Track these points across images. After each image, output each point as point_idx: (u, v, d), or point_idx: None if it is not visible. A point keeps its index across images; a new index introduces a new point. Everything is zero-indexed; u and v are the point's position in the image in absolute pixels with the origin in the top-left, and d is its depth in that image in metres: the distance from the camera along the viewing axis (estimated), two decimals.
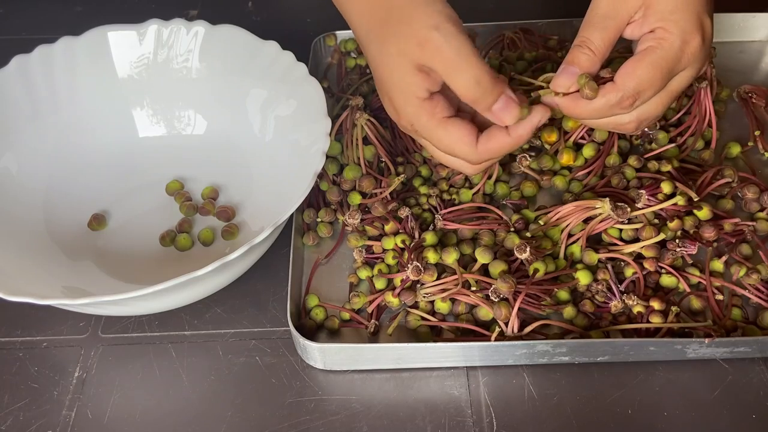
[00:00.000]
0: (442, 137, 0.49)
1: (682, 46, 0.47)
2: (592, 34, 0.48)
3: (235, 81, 0.64)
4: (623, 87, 0.47)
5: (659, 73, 0.47)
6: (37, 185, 0.61)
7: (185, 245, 0.59)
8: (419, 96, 0.48)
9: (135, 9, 0.84)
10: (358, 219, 0.57)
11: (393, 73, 0.48)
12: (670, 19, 0.47)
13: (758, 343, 0.51)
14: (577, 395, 0.51)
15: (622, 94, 0.47)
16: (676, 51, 0.47)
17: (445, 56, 0.46)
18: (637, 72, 0.47)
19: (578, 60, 0.48)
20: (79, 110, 0.64)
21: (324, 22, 0.79)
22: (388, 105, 0.51)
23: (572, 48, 0.49)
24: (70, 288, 0.55)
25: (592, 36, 0.48)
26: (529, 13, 0.76)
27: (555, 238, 0.57)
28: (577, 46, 0.48)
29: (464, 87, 0.46)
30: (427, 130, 0.49)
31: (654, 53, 0.47)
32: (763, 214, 0.59)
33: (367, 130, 0.61)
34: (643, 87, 0.47)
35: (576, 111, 0.49)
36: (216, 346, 0.55)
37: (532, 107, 0.48)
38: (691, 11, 0.47)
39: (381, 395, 0.52)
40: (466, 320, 0.53)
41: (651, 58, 0.47)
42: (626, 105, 0.48)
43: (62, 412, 0.51)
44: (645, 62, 0.47)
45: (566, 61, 0.49)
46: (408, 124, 0.50)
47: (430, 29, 0.46)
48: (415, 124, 0.49)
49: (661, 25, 0.47)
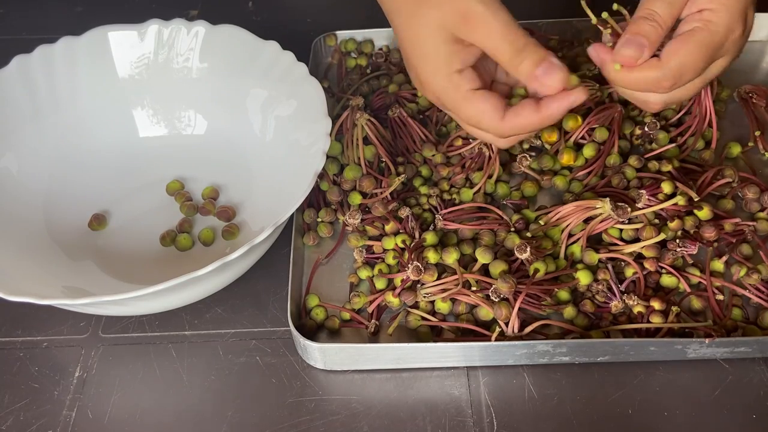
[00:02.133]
0: (468, 110, 0.49)
1: (727, 33, 0.46)
2: (659, 7, 0.46)
3: (235, 81, 0.64)
4: (666, 65, 0.46)
5: (703, 56, 0.46)
6: (37, 185, 0.61)
7: (186, 245, 0.59)
8: (451, 68, 0.48)
9: (135, 9, 0.84)
10: (358, 219, 0.57)
11: (426, 43, 0.48)
12: (720, 3, 0.46)
13: (758, 343, 0.51)
14: (577, 395, 0.51)
15: (664, 73, 0.46)
16: (721, 36, 0.46)
17: (491, 28, 0.46)
18: (683, 52, 0.46)
19: (645, 30, 0.46)
20: (80, 110, 0.64)
21: (324, 22, 0.79)
22: (414, 76, 0.51)
23: (637, 19, 0.47)
24: (71, 288, 0.55)
25: (659, 9, 0.46)
26: (529, 13, 0.76)
27: (555, 238, 0.57)
28: (644, 18, 0.47)
29: (509, 55, 0.46)
30: (453, 102, 0.49)
31: (700, 34, 0.46)
32: (763, 214, 0.59)
33: (367, 130, 0.61)
34: (685, 69, 0.46)
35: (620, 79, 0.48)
36: (216, 346, 0.55)
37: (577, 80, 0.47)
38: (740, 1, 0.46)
39: (381, 395, 0.52)
40: (466, 320, 0.53)
41: (697, 39, 0.46)
42: (666, 85, 0.47)
43: (63, 412, 0.51)
44: (691, 43, 0.46)
45: (631, 31, 0.46)
46: (434, 96, 0.50)
47: (474, 2, 0.46)
48: (442, 96, 0.49)
49: (710, 6, 0.46)
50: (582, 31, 0.74)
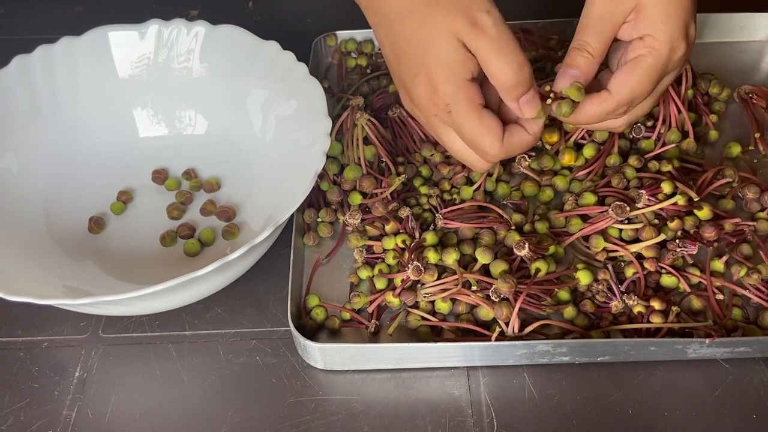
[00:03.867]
0: (474, 124, 0.49)
1: (670, 54, 0.49)
2: (589, 37, 0.49)
3: (235, 81, 0.65)
4: (618, 96, 0.49)
5: (650, 81, 0.50)
6: (37, 185, 0.61)
7: (193, 250, 0.59)
8: (464, 76, 0.48)
9: (136, 9, 0.84)
10: (358, 219, 0.57)
11: (437, 48, 0.48)
12: (659, 27, 0.49)
13: (759, 343, 0.51)
14: (577, 395, 0.51)
15: (617, 103, 0.49)
16: (665, 58, 0.49)
17: (494, 40, 0.47)
18: (631, 81, 0.49)
19: (577, 63, 0.49)
20: (80, 110, 0.64)
21: (324, 22, 0.79)
22: (420, 83, 0.49)
23: (570, 51, 0.50)
24: (71, 288, 0.55)
25: (590, 39, 0.49)
26: (529, 13, 0.76)
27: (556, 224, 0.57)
28: (576, 49, 0.50)
29: (505, 72, 0.47)
30: (462, 113, 0.49)
31: (645, 62, 0.49)
32: (763, 214, 0.59)
33: (367, 130, 0.61)
34: (635, 95, 0.50)
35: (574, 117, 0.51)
36: (216, 346, 0.55)
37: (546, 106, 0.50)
38: (679, 19, 0.49)
39: (381, 395, 0.52)
40: (466, 320, 0.53)
41: (643, 67, 0.49)
42: (621, 112, 0.50)
43: (63, 412, 0.51)
44: (637, 72, 0.49)
45: (565, 64, 0.50)
46: (442, 104, 0.49)
47: (482, 11, 0.47)
48: (452, 104, 0.48)
49: (651, 32, 0.49)
50: None
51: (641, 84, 0.49)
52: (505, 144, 0.49)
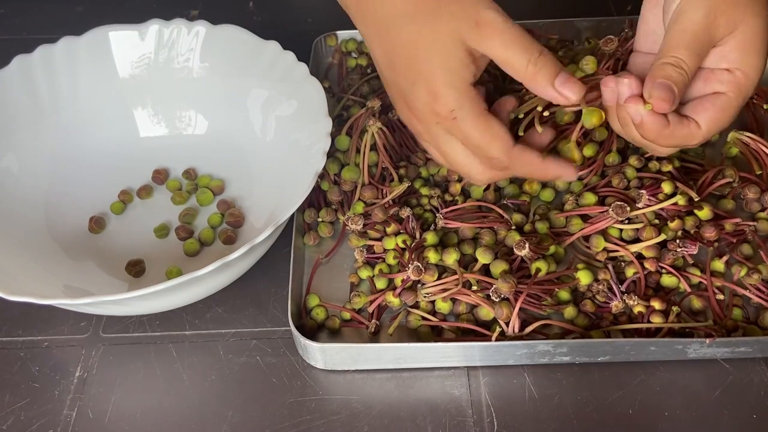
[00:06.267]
0: (482, 129, 0.47)
1: (753, 89, 0.48)
2: (686, 56, 0.46)
3: (236, 81, 0.64)
4: (708, 132, 0.47)
5: (733, 117, 0.48)
6: (38, 185, 0.61)
7: (193, 250, 0.59)
8: (467, 80, 0.46)
9: (136, 9, 0.84)
10: (360, 224, 0.57)
11: (439, 53, 0.46)
12: (750, 63, 0.46)
13: (759, 343, 0.51)
14: (577, 395, 0.51)
15: (704, 138, 0.48)
16: (749, 94, 0.48)
17: (505, 36, 0.45)
18: (722, 121, 0.47)
19: (675, 78, 0.45)
20: (80, 110, 0.64)
21: (325, 22, 0.79)
22: (420, 91, 0.47)
23: (663, 65, 0.46)
24: (71, 288, 0.55)
25: (686, 57, 0.46)
26: (529, 13, 0.76)
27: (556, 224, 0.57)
28: (671, 65, 0.46)
29: (525, 64, 0.45)
30: (467, 119, 0.46)
31: (735, 102, 0.47)
32: (764, 214, 0.59)
33: (377, 138, 0.61)
34: (720, 130, 0.48)
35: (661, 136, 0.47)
36: (217, 346, 0.55)
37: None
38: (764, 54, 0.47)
39: (382, 395, 0.52)
40: (466, 320, 0.53)
41: (734, 107, 0.47)
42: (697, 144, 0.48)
43: (63, 412, 0.51)
44: (728, 112, 0.47)
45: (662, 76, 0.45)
46: (446, 111, 0.46)
47: (487, 9, 0.45)
48: (457, 110, 0.46)
49: (742, 68, 0.47)
50: (582, 31, 0.74)
51: (728, 120, 0.47)
52: (514, 154, 0.47)
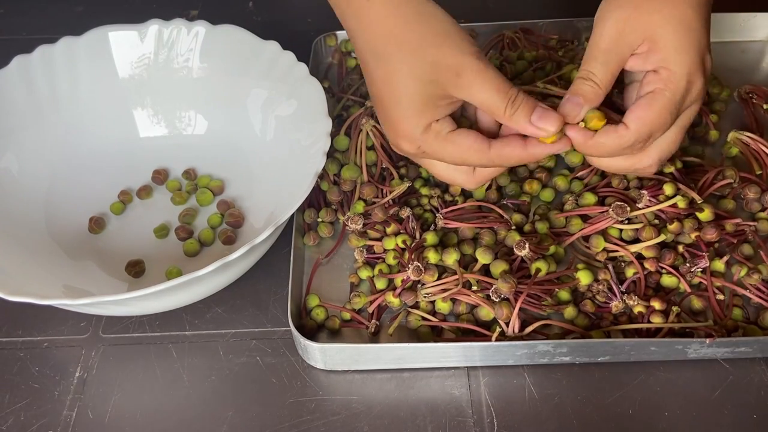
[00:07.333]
0: (452, 151, 0.48)
1: (688, 87, 0.47)
2: (595, 68, 0.48)
3: (235, 81, 0.64)
4: (637, 132, 0.47)
5: (668, 116, 0.48)
6: (37, 185, 0.61)
7: (193, 250, 0.59)
8: (435, 117, 0.48)
9: (136, 9, 0.84)
10: (360, 224, 0.57)
11: (410, 97, 0.47)
12: (675, 60, 0.47)
13: (759, 343, 0.51)
14: (577, 395, 0.51)
15: (635, 138, 0.47)
16: (683, 92, 0.47)
17: (484, 84, 0.46)
18: (649, 117, 0.47)
19: (583, 91, 0.48)
20: (80, 110, 0.64)
21: (325, 22, 0.78)
22: (388, 130, 0.50)
23: (576, 80, 0.48)
24: (71, 288, 0.55)
25: (595, 69, 0.48)
26: (529, 13, 0.76)
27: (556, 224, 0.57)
28: (581, 79, 0.48)
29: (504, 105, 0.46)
30: (435, 150, 0.49)
31: (662, 97, 0.47)
32: (764, 214, 0.59)
33: (372, 137, 0.61)
34: (654, 130, 0.48)
35: (588, 147, 0.49)
36: (217, 346, 0.55)
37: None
38: (694, 50, 0.47)
39: (382, 395, 0.52)
40: (466, 320, 0.53)
41: (660, 102, 0.47)
42: (638, 147, 0.48)
43: (63, 412, 0.51)
44: (655, 107, 0.47)
45: (571, 92, 0.48)
46: (413, 148, 0.49)
47: (468, 56, 0.46)
48: (423, 146, 0.48)
49: (666, 65, 0.47)
50: (582, 31, 0.74)
51: (660, 117, 0.47)
52: (493, 153, 0.48)
